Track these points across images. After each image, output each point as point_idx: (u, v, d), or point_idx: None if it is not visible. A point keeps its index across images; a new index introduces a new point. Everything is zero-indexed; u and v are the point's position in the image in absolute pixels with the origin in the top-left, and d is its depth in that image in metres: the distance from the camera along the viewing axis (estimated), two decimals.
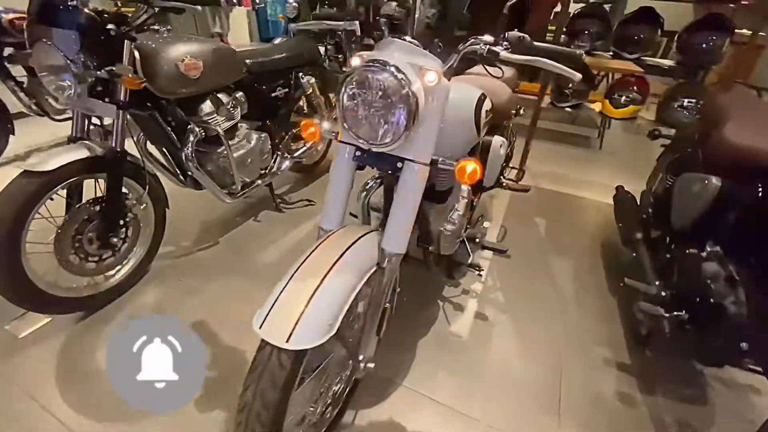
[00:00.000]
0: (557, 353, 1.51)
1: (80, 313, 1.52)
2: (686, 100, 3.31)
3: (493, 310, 1.70)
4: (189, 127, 1.63)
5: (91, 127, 1.48)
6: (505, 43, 0.90)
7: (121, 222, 1.52)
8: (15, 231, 1.20)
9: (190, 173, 1.70)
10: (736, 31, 3.32)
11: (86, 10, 1.21)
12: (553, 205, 2.64)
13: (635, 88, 2.71)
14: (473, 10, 2.50)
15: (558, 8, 2.35)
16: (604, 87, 3.99)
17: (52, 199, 1.31)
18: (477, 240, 1.62)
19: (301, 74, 2.22)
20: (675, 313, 1.26)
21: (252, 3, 4.74)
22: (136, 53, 1.39)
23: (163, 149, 1.73)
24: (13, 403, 1.22)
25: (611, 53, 2.75)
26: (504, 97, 1.62)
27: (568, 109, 2.52)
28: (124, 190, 1.50)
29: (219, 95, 1.74)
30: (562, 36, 2.35)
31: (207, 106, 1.68)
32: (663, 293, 1.36)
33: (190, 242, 2.00)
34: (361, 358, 1.00)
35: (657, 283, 1.42)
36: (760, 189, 1.11)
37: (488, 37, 0.93)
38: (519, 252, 2.09)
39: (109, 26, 1.26)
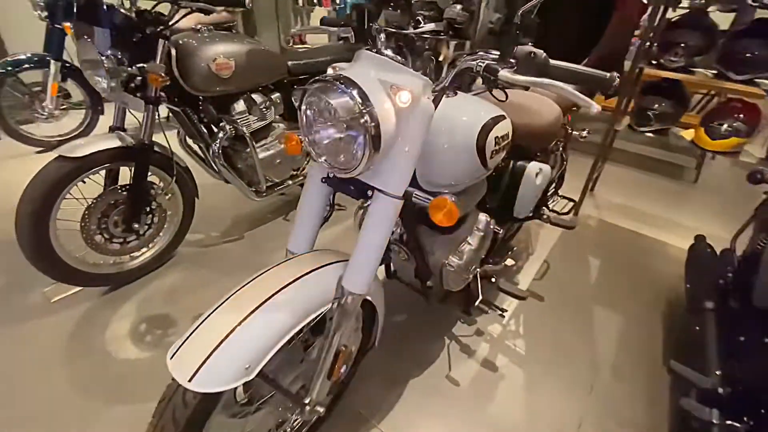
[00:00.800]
0: (572, 429, 1.26)
1: (105, 287, 1.65)
2: None
3: (505, 360, 1.48)
4: (221, 124, 1.68)
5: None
6: (512, 60, 0.73)
7: (147, 209, 1.61)
8: (44, 209, 1.31)
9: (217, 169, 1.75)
10: None
11: (122, 9, 1.28)
12: (616, 245, 2.26)
13: (742, 116, 2.17)
14: (544, 16, 2.23)
15: (647, 14, 1.97)
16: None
17: (84, 182, 1.42)
18: (493, 279, 1.42)
19: None
20: (731, 422, 0.95)
21: (332, 3, 4.85)
22: (173, 51, 1.45)
23: (199, 143, 1.80)
24: (26, 363, 1.35)
25: (714, 72, 2.24)
26: (549, 117, 1.39)
27: (649, 135, 2.11)
28: (153, 179, 1.59)
29: (253, 95, 1.76)
30: (653, 48, 1.97)
31: (239, 105, 1.71)
32: (721, 390, 1.04)
33: (218, 233, 2.08)
34: (307, 401, 0.90)
35: (717, 373, 1.10)
36: None
37: (494, 53, 0.76)
38: (557, 296, 1.81)
39: (145, 25, 1.32)
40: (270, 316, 0.73)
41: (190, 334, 0.70)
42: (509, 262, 1.46)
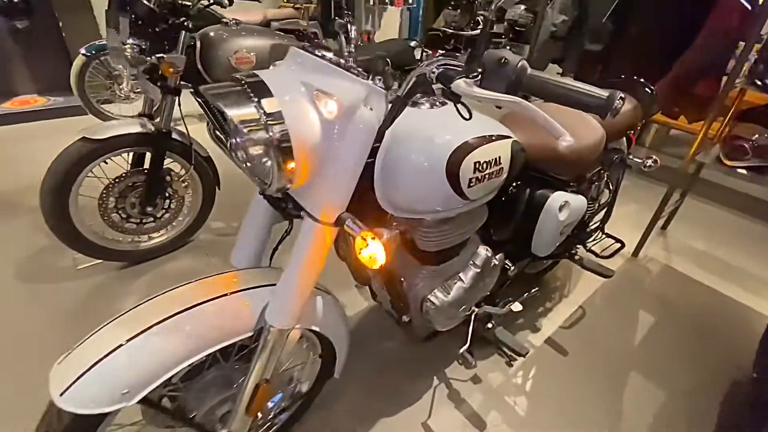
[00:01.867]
0: None
1: (123, 263, 1.75)
2: None
3: (497, 419, 1.27)
4: None
5: None
6: (480, 68, 0.56)
7: (165, 194, 1.67)
8: (64, 184, 1.41)
9: None
10: None
11: (144, 1, 1.31)
12: (681, 301, 1.86)
13: None
14: (618, 21, 1.89)
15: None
16: None
17: (106, 163, 1.50)
18: (489, 325, 1.21)
19: None
20: None
21: (404, 2, 4.75)
22: (198, 43, 1.47)
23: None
24: (38, 320, 1.46)
25: None
26: (587, 139, 1.15)
27: (741, 171, 1.66)
28: (174, 166, 1.64)
29: None
30: (758, 66, 1.55)
31: None
32: None
33: (238, 223, 2.10)
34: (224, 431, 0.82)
35: None
36: None
37: (458, 59, 0.60)
38: (585, 352, 1.53)
39: (167, 16, 1.34)
40: (166, 337, 0.65)
41: (77, 345, 0.65)
42: (516, 307, 1.24)
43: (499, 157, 0.82)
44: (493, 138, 0.82)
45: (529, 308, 1.71)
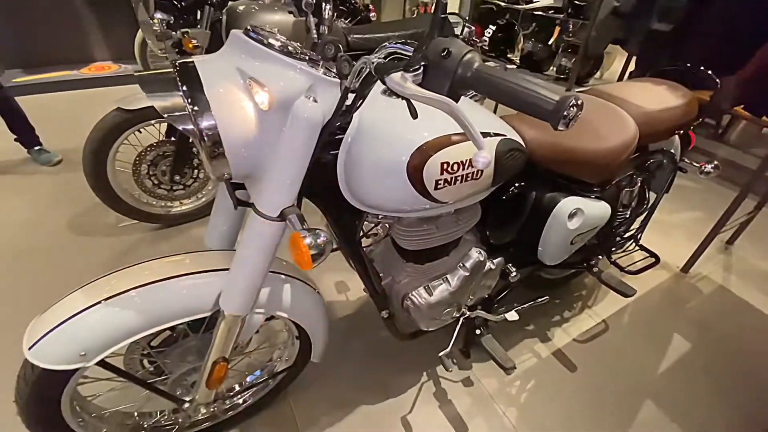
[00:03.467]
0: None
1: (156, 224, 1.90)
2: None
3: (483, 427, 1.22)
4: None
5: None
6: (423, 61, 0.50)
7: (194, 164, 1.76)
8: (101, 150, 1.54)
9: None
10: None
11: None
12: (725, 327, 1.63)
13: None
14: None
15: None
16: None
17: (140, 132, 1.61)
18: (478, 332, 1.15)
19: None
20: None
21: None
22: (224, 17, 1.49)
23: None
24: (76, 269, 1.65)
25: None
26: (612, 139, 1.01)
27: None
28: None
29: None
30: None
31: None
32: None
33: None
34: (188, 399, 0.86)
35: None
36: None
37: (409, 47, 0.53)
38: (597, 371, 1.40)
39: None
40: (125, 308, 0.69)
41: (54, 303, 0.71)
42: (511, 316, 1.15)
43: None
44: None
45: (543, 316, 1.59)
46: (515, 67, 3.65)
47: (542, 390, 1.34)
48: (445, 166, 0.70)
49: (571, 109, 0.42)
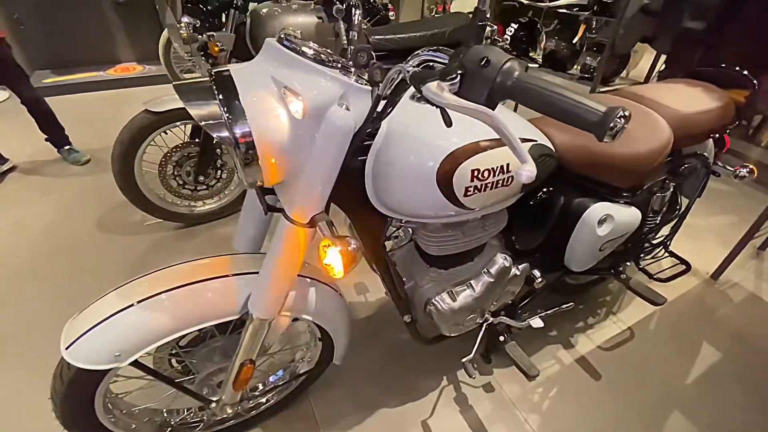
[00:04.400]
0: None
1: (180, 223, 1.94)
2: None
3: None
4: None
5: None
6: (460, 70, 0.49)
7: (217, 165, 1.80)
8: (129, 151, 1.58)
9: None
10: None
11: None
12: (760, 338, 1.57)
13: None
14: None
15: None
16: None
17: (166, 133, 1.65)
18: (502, 338, 1.13)
19: None
20: None
21: None
22: (248, 20, 1.51)
23: None
24: (101, 262, 1.70)
25: None
26: (646, 144, 0.98)
27: None
28: None
29: None
30: None
31: None
32: None
33: None
34: (215, 399, 0.88)
35: None
36: None
37: (443, 54, 0.52)
38: (622, 380, 1.37)
39: None
40: (157, 310, 0.71)
41: (90, 304, 0.73)
42: (536, 323, 1.13)
43: (508, 165, 0.73)
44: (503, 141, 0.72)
45: (566, 321, 1.56)
46: (537, 66, 3.58)
47: (565, 397, 1.31)
48: (476, 173, 0.69)
49: (619, 120, 0.40)
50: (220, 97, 0.54)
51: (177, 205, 1.86)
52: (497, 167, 0.71)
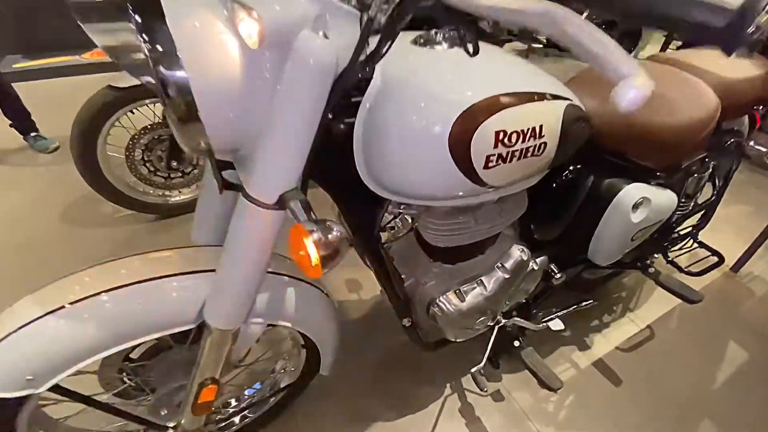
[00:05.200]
0: None
1: (153, 215, 1.76)
2: None
3: None
4: None
5: None
6: None
7: None
8: (89, 133, 1.39)
9: None
10: None
11: None
12: None
13: None
14: None
15: None
16: None
17: (132, 113, 1.46)
18: (517, 343, 0.98)
19: None
20: None
21: None
22: None
23: None
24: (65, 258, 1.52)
25: None
26: (690, 112, 0.82)
27: None
28: None
29: None
30: None
31: None
32: None
33: None
34: (172, 425, 0.72)
35: None
36: None
37: None
38: (643, 384, 1.23)
39: None
40: (91, 318, 0.54)
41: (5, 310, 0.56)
42: (556, 325, 0.98)
43: (541, 127, 0.56)
44: (534, 96, 0.56)
45: (580, 320, 1.42)
46: (541, 46, 3.41)
47: (584, 406, 1.17)
48: (501, 136, 0.53)
49: (756, 27, 0.24)
50: (138, 19, 0.37)
51: (149, 194, 1.68)
52: (528, 130, 0.55)
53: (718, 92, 0.88)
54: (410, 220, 0.83)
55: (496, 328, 0.96)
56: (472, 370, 0.96)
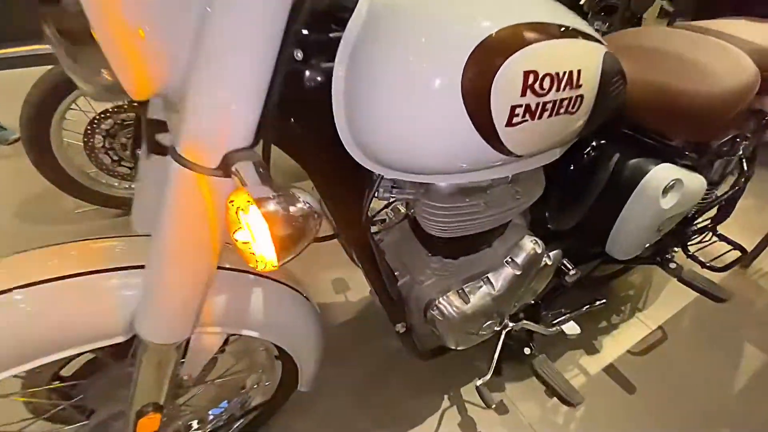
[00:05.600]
0: None
1: (120, 210, 1.60)
2: None
3: None
4: None
5: None
6: None
7: None
8: (40, 116, 1.24)
9: None
10: None
11: None
12: None
13: None
14: None
15: None
16: None
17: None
18: (528, 351, 0.85)
19: None
20: None
21: None
22: None
23: None
24: None
25: None
26: (728, 83, 0.71)
27: None
28: None
29: None
30: None
31: None
32: None
33: None
34: None
35: None
36: None
37: None
38: (660, 393, 1.13)
39: None
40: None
41: None
42: (571, 329, 0.86)
43: (579, 73, 0.43)
44: (569, 31, 0.43)
45: (587, 321, 1.30)
46: None
47: (595, 418, 1.05)
48: (531, 80, 0.39)
49: None
50: None
51: (113, 187, 1.52)
52: (564, 74, 0.41)
53: (758, 63, 0.77)
54: (406, 206, 0.70)
55: (503, 333, 0.83)
56: (478, 383, 0.83)
